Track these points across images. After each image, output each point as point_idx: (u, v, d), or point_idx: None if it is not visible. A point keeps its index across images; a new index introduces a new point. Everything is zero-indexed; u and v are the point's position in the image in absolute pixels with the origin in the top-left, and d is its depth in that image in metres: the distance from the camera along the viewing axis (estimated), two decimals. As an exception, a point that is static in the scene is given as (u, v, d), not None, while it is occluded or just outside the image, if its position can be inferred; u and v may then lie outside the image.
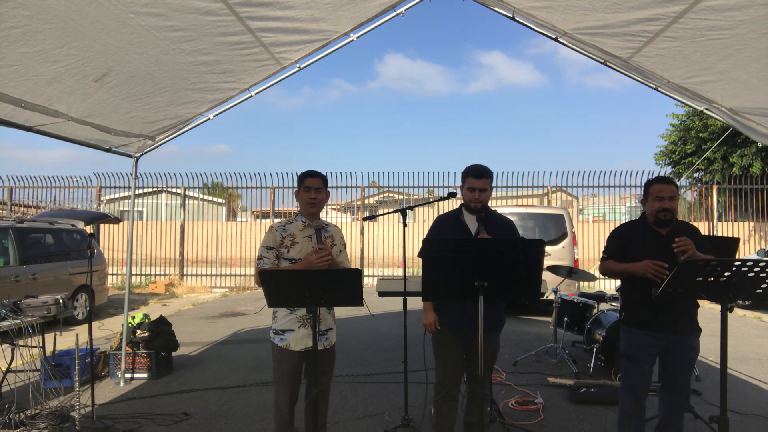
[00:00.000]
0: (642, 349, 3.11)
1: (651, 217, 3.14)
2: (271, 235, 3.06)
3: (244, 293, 13.55)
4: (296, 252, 3.05)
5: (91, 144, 4.68)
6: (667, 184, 3.10)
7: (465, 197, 3.25)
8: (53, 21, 2.75)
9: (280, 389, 3.05)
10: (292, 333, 3.00)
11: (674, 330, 3.04)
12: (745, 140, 16.33)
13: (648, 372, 3.14)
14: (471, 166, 3.26)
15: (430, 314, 3.21)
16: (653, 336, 3.08)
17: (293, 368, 3.02)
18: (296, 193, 3.17)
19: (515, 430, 4.00)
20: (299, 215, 3.15)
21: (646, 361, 3.12)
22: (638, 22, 3.17)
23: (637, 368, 3.13)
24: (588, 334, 5.89)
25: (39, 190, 15.08)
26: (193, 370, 5.74)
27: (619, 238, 3.25)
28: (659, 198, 3.07)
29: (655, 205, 3.08)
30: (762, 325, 8.99)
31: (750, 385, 5.23)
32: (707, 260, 2.41)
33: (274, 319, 3.10)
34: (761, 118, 3.86)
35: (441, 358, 3.24)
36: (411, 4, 4.07)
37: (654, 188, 3.12)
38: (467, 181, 3.22)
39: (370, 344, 6.99)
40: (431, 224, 3.37)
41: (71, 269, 8.76)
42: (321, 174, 3.14)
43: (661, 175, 3.64)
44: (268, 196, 15.24)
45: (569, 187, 14.56)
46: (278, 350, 3.04)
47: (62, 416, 4.02)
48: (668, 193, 3.07)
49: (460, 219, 3.27)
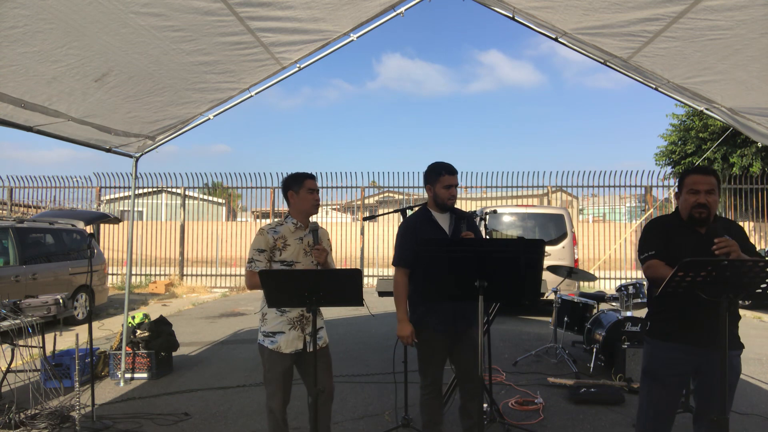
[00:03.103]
0: (669, 367, 2.62)
1: (685, 214, 2.67)
2: (263, 238, 3.01)
3: (244, 293, 13.55)
4: (288, 254, 3.02)
5: (91, 144, 4.68)
6: (705, 175, 2.62)
7: (440, 195, 3.12)
8: (53, 21, 2.75)
9: (271, 391, 3.03)
10: (283, 335, 2.99)
11: (710, 345, 2.48)
12: (745, 140, 16.33)
13: (675, 394, 2.68)
14: (441, 163, 3.16)
15: (406, 326, 3.07)
16: (684, 351, 2.58)
17: (285, 370, 3.01)
18: (290, 195, 3.09)
19: (515, 430, 4.00)
20: (289, 217, 3.11)
21: (672, 380, 2.64)
22: (638, 22, 3.17)
23: (661, 388, 2.66)
24: (588, 334, 5.89)
25: (39, 190, 15.08)
26: (193, 370, 5.74)
27: (657, 232, 2.71)
28: (694, 191, 2.60)
29: (690, 200, 2.61)
30: (762, 325, 8.99)
31: (750, 385, 5.23)
32: (747, 260, 2.14)
33: (263, 322, 3.05)
34: (761, 118, 3.86)
35: (429, 359, 3.15)
36: (411, 4, 4.06)
37: (689, 179, 2.64)
38: (442, 179, 3.11)
39: (370, 344, 6.99)
40: (399, 229, 3.22)
41: (71, 269, 8.76)
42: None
43: (701, 166, 2.88)
44: (268, 196, 15.25)
45: (569, 187, 14.57)
46: (269, 353, 3.01)
47: (62, 416, 4.02)
48: (705, 186, 2.58)
49: (431, 219, 3.16)
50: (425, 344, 3.13)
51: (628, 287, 5.81)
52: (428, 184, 3.20)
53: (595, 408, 4.47)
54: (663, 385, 2.65)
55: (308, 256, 3.06)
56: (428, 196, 3.24)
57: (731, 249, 2.39)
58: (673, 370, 2.62)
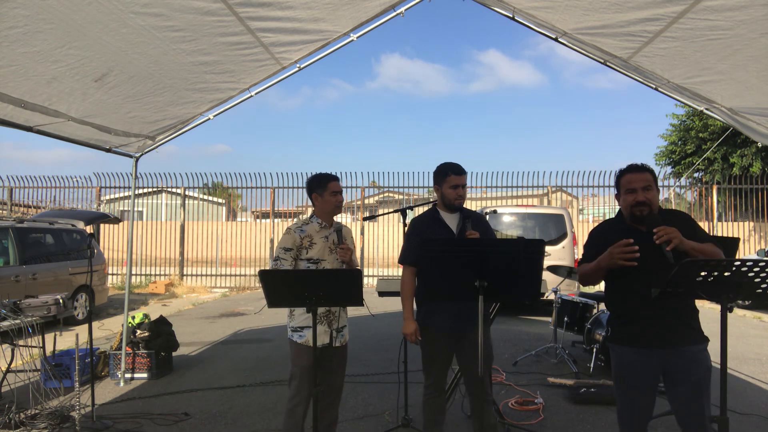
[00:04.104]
0: (634, 372, 2.55)
1: (626, 214, 2.64)
2: (290, 237, 3.13)
3: (244, 293, 13.56)
4: (315, 252, 3.13)
5: (91, 144, 4.68)
6: (639, 173, 2.59)
7: (447, 196, 3.14)
8: (53, 21, 2.75)
9: (297, 384, 3.10)
10: (311, 330, 3.01)
11: (668, 344, 2.47)
12: (745, 140, 16.33)
13: (646, 400, 2.58)
14: (448, 163, 3.18)
15: (410, 323, 3.09)
16: (645, 354, 2.52)
17: (311, 364, 3.03)
18: (314, 196, 3.22)
19: (515, 430, 4.00)
20: (314, 217, 3.24)
21: (641, 386, 2.56)
22: (638, 22, 3.17)
23: (632, 396, 2.58)
24: (588, 334, 5.89)
25: (39, 190, 15.09)
26: (193, 370, 5.74)
27: (595, 239, 2.72)
28: (631, 190, 2.57)
29: (629, 199, 2.58)
30: (762, 325, 8.99)
31: (750, 385, 5.23)
32: (705, 260, 2.14)
33: (291, 317, 3.17)
34: (761, 118, 3.86)
35: (434, 360, 3.15)
36: (411, 4, 4.06)
37: (624, 179, 2.62)
38: (449, 179, 3.12)
39: (370, 344, 6.99)
40: (407, 228, 3.26)
41: (71, 269, 8.76)
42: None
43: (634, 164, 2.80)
44: (268, 196, 15.25)
45: (569, 187, 14.57)
46: (297, 347, 3.11)
47: (62, 416, 4.01)
48: (641, 183, 2.56)
49: (439, 218, 3.19)
50: (429, 343, 3.14)
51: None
52: (436, 185, 3.24)
53: (595, 408, 4.46)
54: (634, 388, 2.57)
55: (333, 254, 3.17)
56: (437, 196, 3.26)
57: (671, 236, 2.37)
58: (637, 373, 2.55)
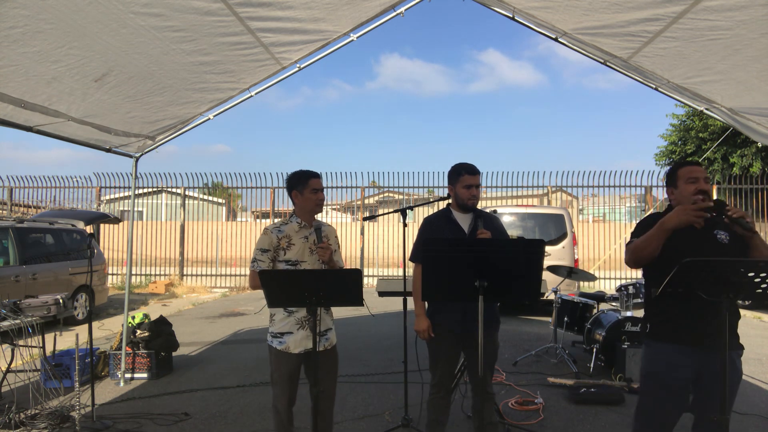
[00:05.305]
0: (671, 370, 2.47)
1: (688, 202, 2.55)
2: (267, 237, 3.01)
3: (244, 293, 13.55)
4: (293, 254, 3.02)
5: (91, 144, 4.68)
6: (698, 166, 2.63)
7: (461, 195, 3.17)
8: (53, 21, 2.75)
9: (278, 391, 3.03)
10: (291, 336, 2.99)
11: (712, 346, 2.36)
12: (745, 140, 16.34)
13: (681, 401, 2.51)
14: (462, 164, 3.21)
15: (423, 320, 3.12)
16: (686, 353, 2.45)
17: (292, 371, 3.01)
18: (294, 194, 3.09)
19: (515, 430, 4.00)
20: (294, 216, 3.12)
21: (675, 384, 2.48)
22: (638, 23, 3.17)
23: (660, 397, 2.51)
24: (588, 334, 5.89)
25: (39, 190, 15.08)
26: (193, 370, 5.74)
27: (644, 228, 2.61)
28: (693, 180, 2.56)
29: (690, 188, 2.55)
30: (762, 325, 8.99)
31: (750, 385, 5.23)
32: (747, 260, 2.12)
33: (271, 322, 3.06)
34: (761, 118, 3.86)
35: (440, 359, 3.18)
36: (411, 4, 4.06)
37: (684, 170, 2.61)
38: (462, 179, 3.15)
39: (370, 344, 6.99)
40: (420, 226, 3.29)
41: (71, 269, 8.76)
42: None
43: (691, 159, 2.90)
44: (268, 196, 15.25)
45: (569, 187, 14.56)
46: (277, 353, 3.01)
47: (62, 416, 4.01)
48: (703, 174, 2.59)
49: (451, 218, 3.21)
50: (435, 342, 3.16)
51: (628, 287, 5.81)
52: (450, 185, 3.25)
53: (595, 408, 4.47)
54: (667, 388, 2.50)
55: (313, 254, 3.06)
56: (451, 196, 3.28)
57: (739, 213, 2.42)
58: (675, 373, 2.48)
